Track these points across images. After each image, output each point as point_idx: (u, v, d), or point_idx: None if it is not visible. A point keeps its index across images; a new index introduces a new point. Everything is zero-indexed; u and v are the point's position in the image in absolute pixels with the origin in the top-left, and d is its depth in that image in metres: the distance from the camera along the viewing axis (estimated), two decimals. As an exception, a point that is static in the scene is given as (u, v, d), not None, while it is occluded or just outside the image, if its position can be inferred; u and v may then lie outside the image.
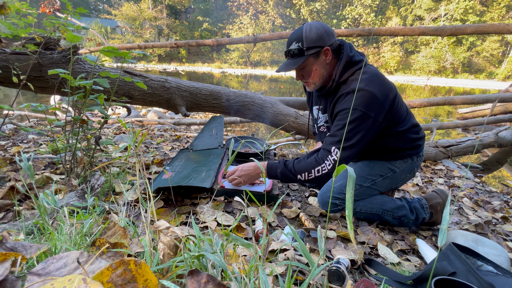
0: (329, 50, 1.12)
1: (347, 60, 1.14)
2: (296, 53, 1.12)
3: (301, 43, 1.10)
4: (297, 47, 1.11)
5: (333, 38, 1.13)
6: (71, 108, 1.33)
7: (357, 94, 1.05)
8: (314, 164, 1.12)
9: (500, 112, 4.72)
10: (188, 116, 1.94)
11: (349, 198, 0.43)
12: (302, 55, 1.12)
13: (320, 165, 1.11)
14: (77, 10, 1.38)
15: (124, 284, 0.53)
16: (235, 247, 0.84)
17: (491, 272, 0.82)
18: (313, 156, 1.15)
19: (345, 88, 1.13)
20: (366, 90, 1.05)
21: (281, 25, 31.73)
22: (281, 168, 1.19)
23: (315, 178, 1.12)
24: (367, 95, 1.05)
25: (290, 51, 1.13)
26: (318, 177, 1.12)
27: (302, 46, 1.10)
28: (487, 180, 2.50)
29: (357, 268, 0.94)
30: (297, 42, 1.11)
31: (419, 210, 1.22)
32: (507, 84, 13.09)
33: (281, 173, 1.18)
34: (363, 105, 1.05)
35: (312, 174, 1.12)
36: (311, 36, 1.09)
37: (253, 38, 4.06)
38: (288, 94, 10.72)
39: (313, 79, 1.18)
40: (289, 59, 1.16)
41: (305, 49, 1.10)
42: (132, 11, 28.76)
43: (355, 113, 1.05)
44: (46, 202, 0.90)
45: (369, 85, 1.06)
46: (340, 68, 1.13)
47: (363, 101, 1.05)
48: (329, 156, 1.10)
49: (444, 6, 24.88)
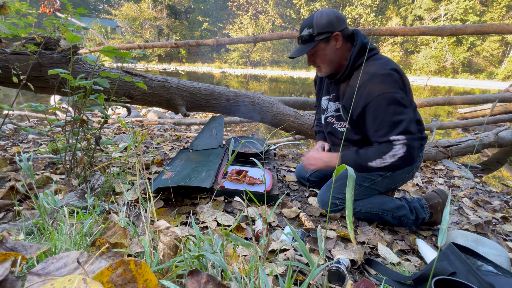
0: (340, 35, 1.13)
1: (362, 46, 1.15)
2: (306, 39, 1.15)
3: (311, 29, 1.13)
4: (308, 33, 1.14)
5: (344, 24, 1.14)
6: (71, 108, 1.33)
7: (376, 79, 1.06)
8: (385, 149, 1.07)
9: (500, 112, 4.72)
10: (188, 116, 1.94)
11: (349, 198, 0.43)
12: (312, 41, 1.14)
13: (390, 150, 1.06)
14: (77, 10, 1.38)
15: (124, 284, 0.53)
16: (235, 247, 0.84)
17: (491, 272, 0.82)
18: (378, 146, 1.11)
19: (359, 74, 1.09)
20: (384, 73, 1.06)
21: (281, 25, 31.72)
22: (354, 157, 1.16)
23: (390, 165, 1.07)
24: (388, 78, 1.06)
25: (302, 37, 1.16)
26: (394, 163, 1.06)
27: (313, 32, 1.13)
28: (487, 180, 2.50)
29: (357, 268, 0.94)
30: (308, 28, 1.14)
31: (419, 210, 1.22)
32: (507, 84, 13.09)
33: (355, 161, 1.15)
34: (388, 87, 1.05)
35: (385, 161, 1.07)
36: (321, 22, 1.11)
37: (253, 38, 4.06)
38: (288, 94, 10.72)
39: (324, 64, 1.20)
40: (301, 45, 1.19)
41: (315, 34, 1.12)
42: (132, 11, 28.74)
43: (384, 97, 1.04)
44: (46, 202, 0.90)
45: (385, 69, 1.07)
46: (355, 54, 1.14)
47: (385, 83, 1.05)
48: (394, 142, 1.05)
49: (444, 6, 24.88)
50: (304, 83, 16.64)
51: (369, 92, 1.07)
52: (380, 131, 1.08)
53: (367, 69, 1.11)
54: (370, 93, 1.07)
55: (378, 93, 1.05)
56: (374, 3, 28.28)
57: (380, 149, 1.09)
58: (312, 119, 2.19)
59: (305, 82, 17.38)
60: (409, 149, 1.04)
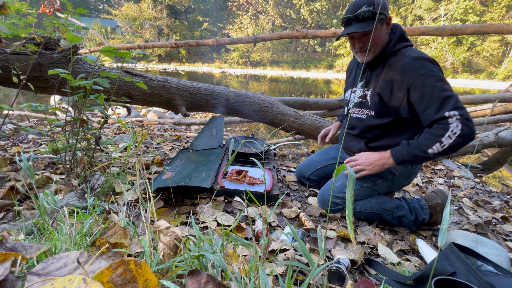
0: (390, 19, 1.13)
1: (402, 34, 1.16)
2: (367, 16, 1.08)
3: (372, 7, 1.07)
4: (368, 10, 1.07)
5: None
6: (71, 108, 1.33)
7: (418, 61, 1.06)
8: (440, 132, 1.02)
9: (500, 112, 4.71)
10: (188, 116, 1.94)
11: (349, 198, 0.43)
12: (374, 19, 1.08)
13: (447, 130, 1.00)
14: (77, 10, 1.38)
15: (124, 284, 0.53)
16: (235, 247, 0.84)
17: (491, 272, 0.82)
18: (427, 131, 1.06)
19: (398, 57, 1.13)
20: (425, 57, 1.07)
21: (281, 25, 31.72)
22: (406, 149, 1.09)
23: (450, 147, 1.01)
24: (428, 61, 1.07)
25: (360, 15, 1.09)
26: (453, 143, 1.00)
27: (374, 10, 1.07)
28: (487, 180, 2.50)
29: (357, 268, 0.94)
30: (368, 5, 1.08)
31: (419, 211, 1.22)
32: (507, 84, 13.08)
33: (409, 153, 1.08)
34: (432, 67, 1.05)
35: (445, 143, 1.01)
36: (379, 2, 1.08)
37: (253, 38, 4.06)
38: (288, 94, 10.72)
39: (376, 47, 1.16)
40: (357, 24, 1.11)
41: (377, 13, 1.07)
42: (132, 11, 28.75)
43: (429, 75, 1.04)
44: (46, 202, 0.90)
45: (424, 55, 1.08)
46: (395, 39, 1.14)
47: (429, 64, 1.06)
48: (449, 120, 1.00)
49: (444, 6, 24.88)
50: (304, 83, 16.64)
51: (412, 72, 1.07)
52: (431, 108, 1.04)
53: (406, 53, 1.12)
54: (414, 73, 1.06)
55: (423, 71, 1.05)
56: (374, 3, 28.24)
57: (434, 132, 1.03)
58: (312, 119, 2.19)
59: (305, 82, 17.38)
60: (467, 124, 0.99)
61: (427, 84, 1.04)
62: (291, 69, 29.77)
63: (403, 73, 1.08)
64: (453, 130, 0.99)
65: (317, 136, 1.60)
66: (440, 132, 1.01)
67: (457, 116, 0.99)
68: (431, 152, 1.04)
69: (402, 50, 1.14)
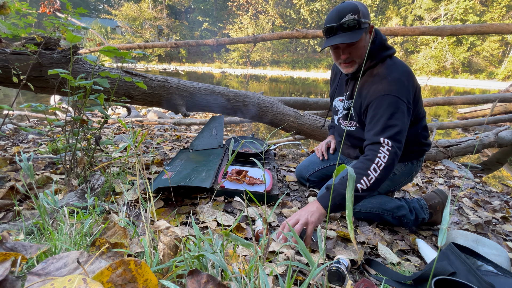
0: (373, 28, 1.07)
1: (382, 43, 1.10)
2: (352, 26, 1.01)
3: (357, 15, 1.00)
4: (354, 18, 1.00)
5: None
6: (71, 108, 1.33)
7: (386, 81, 1.03)
8: (367, 163, 0.98)
9: (500, 112, 4.72)
10: (188, 116, 1.94)
11: (349, 198, 0.43)
12: (360, 28, 1.02)
13: (373, 160, 0.97)
14: (77, 10, 1.38)
15: (124, 284, 0.53)
16: (235, 247, 0.84)
17: (491, 272, 0.82)
18: (359, 161, 1.03)
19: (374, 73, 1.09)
20: (396, 78, 1.03)
21: (281, 25, 31.71)
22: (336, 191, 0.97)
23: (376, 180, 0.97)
24: (398, 81, 1.03)
25: (344, 24, 1.01)
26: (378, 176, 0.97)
27: (359, 18, 1.01)
28: (487, 180, 2.50)
29: (357, 268, 0.94)
30: (352, 13, 1.01)
31: (418, 211, 1.22)
32: (507, 84, 13.08)
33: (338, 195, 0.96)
34: (395, 90, 1.02)
35: (371, 176, 0.97)
36: (364, 10, 1.02)
37: (253, 38, 4.06)
38: (288, 94, 10.72)
39: (360, 58, 1.10)
40: (343, 33, 1.03)
41: (362, 21, 1.01)
42: (132, 11, 28.74)
43: (387, 99, 1.01)
44: (46, 202, 0.90)
45: (398, 73, 1.04)
46: (376, 49, 1.10)
47: (394, 86, 1.02)
48: (380, 148, 0.98)
49: (444, 6, 24.87)
50: (304, 83, 16.64)
51: (376, 90, 1.05)
52: (373, 130, 1.04)
53: (380, 70, 1.08)
54: (376, 92, 1.04)
55: (383, 92, 1.03)
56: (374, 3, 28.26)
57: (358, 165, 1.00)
58: (312, 119, 2.19)
59: (305, 82, 17.38)
60: (393, 158, 0.98)
61: (382, 105, 1.02)
62: (291, 69, 29.76)
63: (370, 90, 1.07)
64: (378, 162, 0.98)
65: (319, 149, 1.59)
66: (369, 163, 0.98)
67: (388, 147, 0.98)
68: (360, 188, 0.97)
69: (379, 65, 1.10)
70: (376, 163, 0.98)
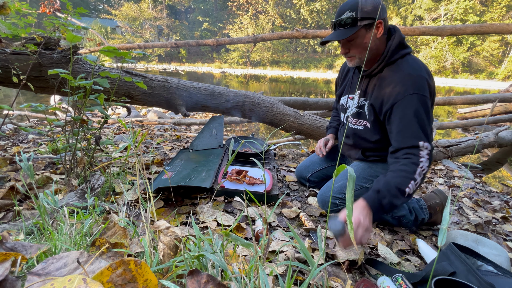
0: (382, 23, 1.06)
1: (400, 41, 1.10)
2: (348, 23, 1.05)
3: (355, 12, 1.03)
4: (350, 16, 1.04)
5: (385, 13, 1.08)
6: (71, 108, 1.33)
7: (412, 78, 1.03)
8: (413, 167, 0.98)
9: (500, 112, 4.72)
10: (188, 116, 1.94)
11: (349, 198, 0.43)
12: (355, 26, 1.04)
13: (417, 166, 0.98)
14: (77, 10, 1.38)
15: (124, 284, 0.53)
16: (235, 247, 0.84)
17: (491, 272, 0.82)
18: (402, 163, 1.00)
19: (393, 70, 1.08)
20: (421, 75, 1.03)
21: (281, 25, 31.71)
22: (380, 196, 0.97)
23: (418, 185, 0.99)
24: (422, 79, 1.03)
25: (341, 21, 1.06)
26: (421, 181, 0.99)
27: (356, 16, 1.03)
28: (487, 180, 2.50)
29: (357, 268, 0.94)
30: (350, 11, 1.04)
31: (418, 211, 1.22)
32: (507, 84, 13.08)
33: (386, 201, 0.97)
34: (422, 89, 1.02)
35: (417, 180, 0.98)
36: (366, 6, 1.03)
37: (253, 38, 4.06)
38: (288, 94, 10.72)
39: (361, 54, 1.11)
40: (339, 29, 1.08)
41: (359, 19, 1.03)
42: (132, 11, 28.77)
43: (417, 98, 1.01)
44: (46, 202, 0.90)
45: (422, 70, 1.04)
46: (393, 47, 1.09)
47: (420, 84, 1.02)
48: (421, 152, 0.99)
49: (444, 6, 24.87)
50: (304, 83, 16.64)
51: (402, 88, 1.03)
52: (407, 132, 1.01)
53: (402, 66, 1.07)
54: (403, 90, 1.03)
55: (412, 91, 1.01)
56: (374, 3, 28.24)
57: (404, 168, 0.99)
58: (312, 119, 2.19)
59: (305, 82, 17.38)
60: (430, 161, 1.00)
61: (413, 106, 1.01)
62: (291, 69, 29.76)
63: (394, 88, 1.06)
64: (422, 167, 0.98)
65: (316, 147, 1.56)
66: (413, 168, 0.98)
67: (428, 151, 0.99)
68: (407, 192, 0.97)
69: (399, 61, 1.10)
70: (421, 167, 0.98)
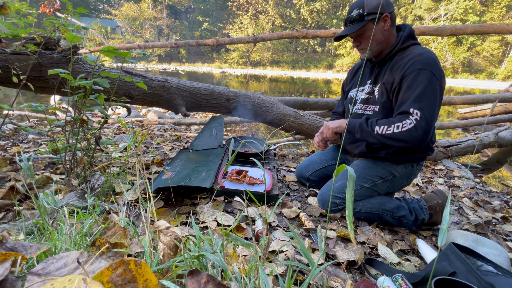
0: (388, 16, 1.17)
1: (411, 32, 1.21)
2: (356, 19, 1.17)
3: (362, 9, 1.16)
4: (357, 13, 1.17)
5: (392, 7, 1.19)
6: (71, 108, 1.33)
7: (422, 57, 1.10)
8: (395, 120, 1.10)
9: (500, 112, 4.72)
10: (188, 116, 1.94)
11: (349, 198, 0.43)
12: (362, 21, 1.16)
13: (401, 121, 1.07)
14: (77, 10, 1.38)
15: (124, 284, 0.53)
16: (235, 247, 0.84)
17: (491, 272, 0.82)
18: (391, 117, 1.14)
19: (405, 54, 1.17)
20: (431, 56, 1.10)
21: (281, 25, 31.70)
22: (362, 121, 1.18)
23: (393, 135, 1.09)
24: (433, 60, 1.09)
25: (350, 18, 1.19)
26: (397, 134, 1.08)
27: (363, 12, 1.15)
28: (487, 180, 2.50)
29: (357, 268, 0.94)
30: (358, 9, 1.17)
31: (418, 211, 1.22)
32: (507, 84, 13.08)
33: (360, 125, 1.18)
34: (431, 67, 1.08)
35: (390, 129, 1.09)
36: (371, 3, 1.15)
37: (253, 38, 4.06)
38: (288, 94, 10.72)
39: (371, 45, 1.22)
40: (349, 25, 1.21)
41: (365, 14, 1.15)
42: (132, 11, 28.77)
43: (423, 73, 1.07)
44: (46, 202, 0.90)
45: (433, 55, 1.12)
46: (405, 35, 1.20)
47: (429, 63, 1.08)
48: (410, 116, 1.06)
49: (444, 6, 24.86)
50: (304, 83, 16.64)
51: (413, 63, 1.10)
52: (407, 100, 1.08)
53: (414, 50, 1.16)
54: (413, 65, 1.10)
55: (420, 66, 1.08)
56: (374, 3, 28.24)
57: (391, 119, 1.12)
58: (312, 119, 2.19)
59: (305, 82, 17.38)
60: (418, 127, 1.04)
61: (418, 78, 1.08)
62: (291, 69, 29.76)
63: (404, 65, 1.13)
64: (404, 124, 1.06)
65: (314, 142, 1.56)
66: (396, 121, 1.09)
67: (417, 117, 1.04)
68: (376, 131, 1.13)
69: (410, 48, 1.19)
70: (402, 124, 1.07)
